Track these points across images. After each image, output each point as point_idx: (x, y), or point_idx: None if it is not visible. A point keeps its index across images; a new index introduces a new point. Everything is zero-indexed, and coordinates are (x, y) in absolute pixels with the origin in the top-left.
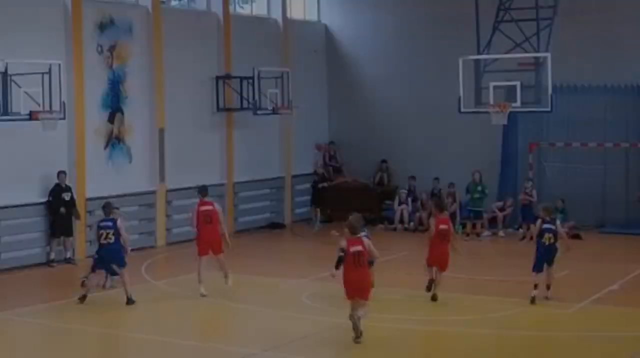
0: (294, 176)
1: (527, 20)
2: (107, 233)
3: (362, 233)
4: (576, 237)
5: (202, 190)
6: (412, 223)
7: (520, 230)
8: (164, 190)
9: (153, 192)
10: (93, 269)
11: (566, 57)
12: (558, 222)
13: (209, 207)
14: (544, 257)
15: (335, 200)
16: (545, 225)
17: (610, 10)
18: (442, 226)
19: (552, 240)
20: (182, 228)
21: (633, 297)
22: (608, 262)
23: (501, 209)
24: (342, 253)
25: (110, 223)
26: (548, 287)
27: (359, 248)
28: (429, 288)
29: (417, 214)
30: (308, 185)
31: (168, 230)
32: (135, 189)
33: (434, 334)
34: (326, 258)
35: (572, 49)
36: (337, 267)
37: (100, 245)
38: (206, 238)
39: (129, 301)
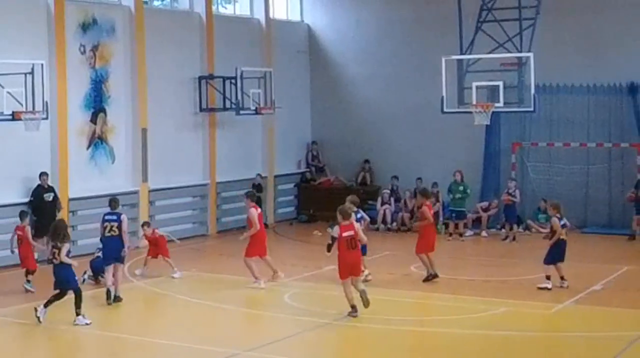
0: (276, 176)
1: (509, 20)
2: (112, 226)
3: (357, 216)
4: None
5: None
6: (394, 224)
7: (503, 230)
8: (146, 191)
9: (136, 192)
10: (92, 268)
11: (549, 57)
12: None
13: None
14: (563, 252)
15: (318, 200)
16: (562, 221)
17: (592, 11)
18: (346, 233)
19: (566, 235)
20: (166, 228)
21: (615, 297)
22: (590, 262)
23: (485, 209)
24: (330, 242)
25: (115, 217)
26: (563, 278)
27: (351, 233)
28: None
29: (400, 214)
30: (291, 185)
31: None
32: (118, 189)
33: (416, 334)
34: (309, 258)
35: (554, 49)
36: (328, 250)
37: (105, 238)
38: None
39: (116, 298)
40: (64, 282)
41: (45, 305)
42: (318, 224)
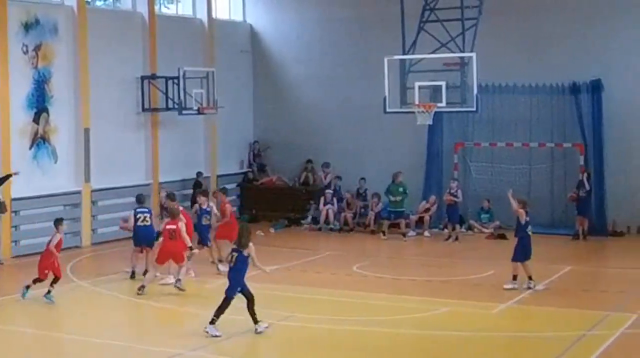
0: (219, 176)
1: (452, 20)
2: (145, 217)
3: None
4: (501, 237)
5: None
6: (337, 224)
7: (446, 231)
8: (89, 190)
9: (78, 192)
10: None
11: (491, 57)
12: None
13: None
14: (530, 248)
15: (260, 200)
16: (527, 218)
17: (535, 11)
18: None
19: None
20: (108, 228)
21: (558, 298)
22: (533, 262)
23: (426, 209)
24: None
25: (146, 210)
26: (531, 278)
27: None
28: None
29: (343, 214)
30: (234, 185)
31: (93, 230)
32: (61, 189)
33: (359, 334)
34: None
35: (497, 49)
36: None
37: (138, 228)
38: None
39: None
40: None
41: None
42: (260, 224)
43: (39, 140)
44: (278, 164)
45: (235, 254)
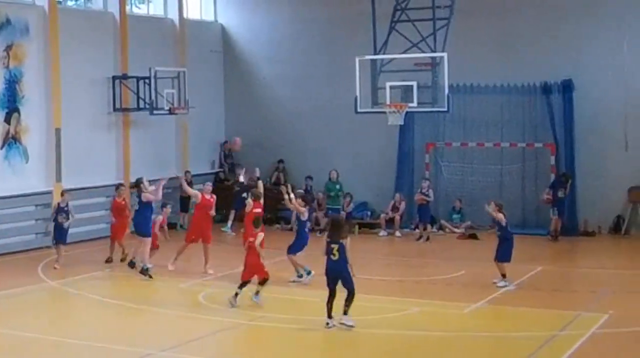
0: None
1: (423, 20)
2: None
3: None
4: (473, 237)
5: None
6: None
7: (417, 230)
8: (60, 190)
9: (49, 192)
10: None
11: (463, 57)
12: None
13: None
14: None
15: (231, 200)
16: (506, 219)
17: (506, 11)
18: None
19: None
20: (79, 228)
21: (529, 298)
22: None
23: (396, 209)
24: None
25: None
26: (504, 276)
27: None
28: None
29: (314, 214)
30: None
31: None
32: (32, 189)
33: (330, 334)
34: (222, 258)
35: (468, 49)
36: None
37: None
38: None
39: (143, 271)
40: None
41: None
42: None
43: (10, 141)
44: (249, 163)
45: (336, 246)
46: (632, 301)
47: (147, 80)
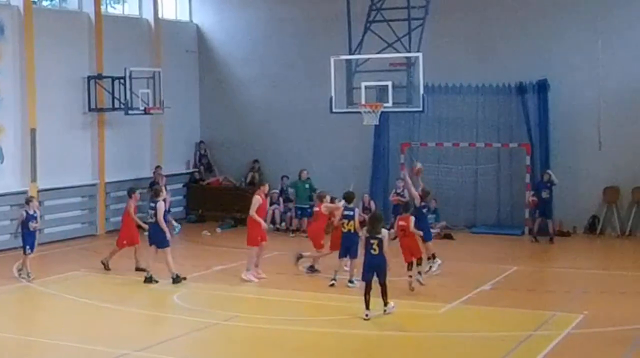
0: (165, 176)
1: (398, 20)
2: (152, 214)
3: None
4: (448, 237)
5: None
6: (283, 224)
7: (392, 231)
8: (35, 190)
9: (25, 192)
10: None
11: (438, 57)
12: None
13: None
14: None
15: (207, 200)
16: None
17: (481, 11)
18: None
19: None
20: (55, 228)
21: (504, 297)
22: (479, 262)
23: (364, 210)
24: None
25: (154, 205)
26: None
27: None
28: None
29: (289, 214)
30: (180, 185)
31: (39, 230)
32: (7, 189)
33: (306, 334)
34: (197, 258)
35: (443, 49)
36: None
37: (148, 224)
38: None
39: (175, 280)
40: None
41: None
42: (207, 224)
43: None
44: (225, 163)
45: (375, 241)
46: (607, 301)
47: (122, 80)
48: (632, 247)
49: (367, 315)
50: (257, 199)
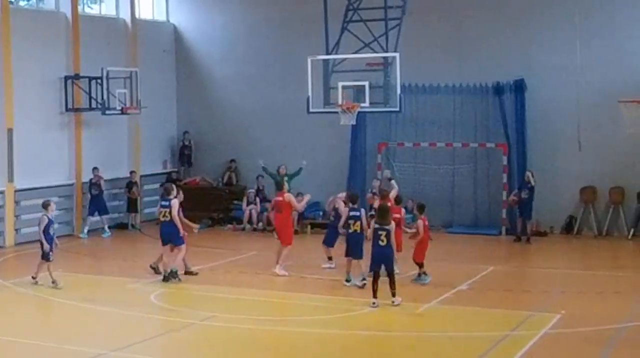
0: (142, 176)
1: (375, 20)
2: (165, 212)
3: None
4: None
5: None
6: (260, 224)
7: (369, 230)
8: (12, 191)
9: (1, 193)
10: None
11: (415, 57)
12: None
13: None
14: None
15: (184, 200)
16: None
17: (458, 11)
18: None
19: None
20: (31, 228)
21: (481, 297)
22: (456, 262)
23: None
24: None
25: (167, 203)
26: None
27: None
28: None
29: (266, 214)
30: (157, 185)
31: (17, 230)
32: None
33: (283, 334)
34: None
35: (420, 49)
36: None
37: (160, 222)
38: None
39: (172, 274)
40: None
41: None
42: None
43: None
44: (202, 163)
45: (384, 232)
46: (584, 301)
47: (99, 80)
48: (609, 247)
49: (374, 303)
50: (290, 199)
